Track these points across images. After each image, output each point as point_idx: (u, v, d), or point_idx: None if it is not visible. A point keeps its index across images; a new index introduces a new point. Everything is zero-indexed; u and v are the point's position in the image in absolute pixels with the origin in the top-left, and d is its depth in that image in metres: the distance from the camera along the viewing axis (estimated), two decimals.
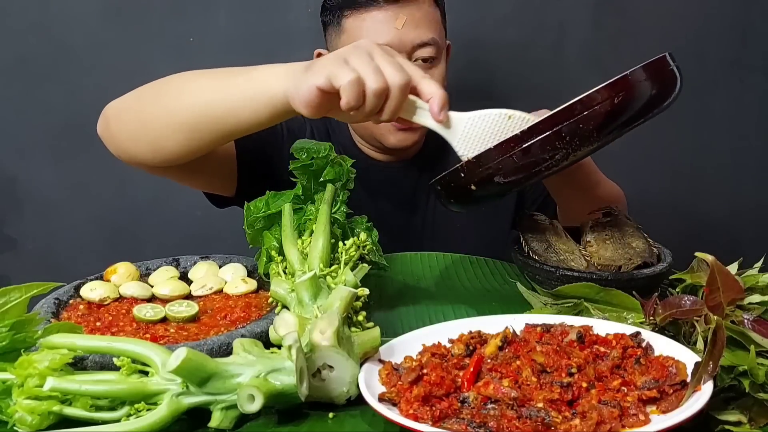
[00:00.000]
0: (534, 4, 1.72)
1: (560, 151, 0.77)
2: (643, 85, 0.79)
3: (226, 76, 0.90)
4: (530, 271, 0.99)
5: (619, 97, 0.77)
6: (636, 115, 0.80)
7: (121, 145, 1.01)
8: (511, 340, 0.73)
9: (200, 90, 0.92)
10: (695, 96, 1.78)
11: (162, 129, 0.94)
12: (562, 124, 0.76)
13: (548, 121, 0.77)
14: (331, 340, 0.67)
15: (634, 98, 0.78)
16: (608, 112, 0.77)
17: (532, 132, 0.77)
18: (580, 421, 0.59)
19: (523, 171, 0.79)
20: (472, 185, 0.81)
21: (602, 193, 1.16)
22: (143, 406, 0.64)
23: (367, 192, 1.29)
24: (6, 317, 0.70)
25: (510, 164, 0.78)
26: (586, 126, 0.77)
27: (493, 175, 0.79)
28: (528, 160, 0.78)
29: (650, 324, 0.76)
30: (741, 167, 1.84)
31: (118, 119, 1.01)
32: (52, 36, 1.68)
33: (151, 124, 0.96)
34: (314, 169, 0.98)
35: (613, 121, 0.78)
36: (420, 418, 0.61)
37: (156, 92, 0.97)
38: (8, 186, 1.75)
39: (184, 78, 0.95)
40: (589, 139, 0.78)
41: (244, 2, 1.69)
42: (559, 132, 0.76)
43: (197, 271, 1.00)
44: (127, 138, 1.00)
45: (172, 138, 0.94)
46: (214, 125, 0.91)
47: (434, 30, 1.21)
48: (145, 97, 0.98)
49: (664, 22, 1.75)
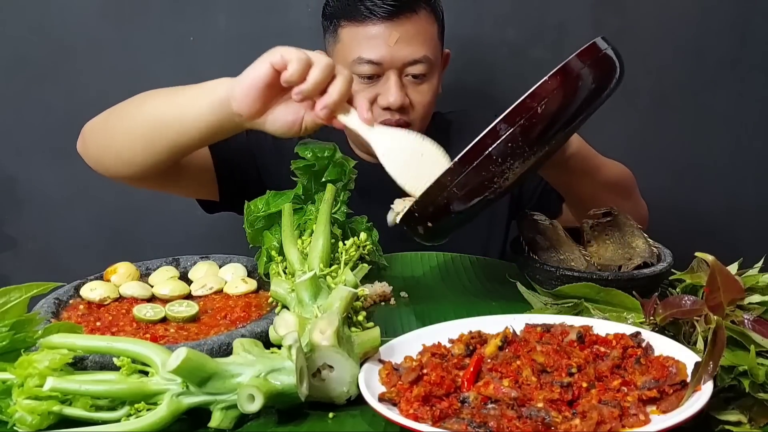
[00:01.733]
0: (534, 4, 1.72)
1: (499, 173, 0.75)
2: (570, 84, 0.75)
3: (180, 90, 0.97)
4: (530, 271, 0.99)
5: (542, 106, 0.73)
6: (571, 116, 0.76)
7: (93, 159, 1.10)
8: (511, 340, 0.73)
9: (155, 104, 0.99)
10: (695, 95, 1.78)
11: (123, 141, 1.03)
12: (489, 148, 0.74)
13: (475, 148, 0.75)
14: (331, 340, 0.67)
15: (561, 101, 0.75)
16: (534, 124, 0.74)
17: (463, 162, 0.75)
18: (580, 421, 0.59)
19: (471, 199, 0.77)
20: (428, 222, 0.81)
21: (607, 175, 1.14)
22: (143, 406, 0.64)
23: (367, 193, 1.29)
24: (6, 317, 0.70)
25: (454, 196, 0.77)
26: (515, 143, 0.74)
27: (445, 209, 0.78)
28: (470, 189, 0.76)
29: (650, 324, 0.76)
30: (741, 167, 1.84)
31: (90, 136, 1.09)
32: (52, 36, 1.68)
33: (114, 139, 1.04)
34: (316, 169, 0.99)
35: (544, 131, 0.75)
36: (420, 418, 0.61)
37: (120, 110, 1.05)
38: (8, 186, 1.75)
39: (146, 95, 1.02)
40: (522, 154, 0.74)
41: (244, 2, 1.68)
42: (489, 156, 0.74)
43: (197, 271, 1.00)
44: (97, 152, 1.08)
45: (132, 149, 1.01)
46: (164, 133, 0.97)
47: (428, 47, 1.22)
48: (112, 115, 1.06)
49: (663, 22, 1.74)
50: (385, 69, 1.19)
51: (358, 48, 1.19)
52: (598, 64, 0.77)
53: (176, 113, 0.95)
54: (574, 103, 0.76)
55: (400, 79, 1.20)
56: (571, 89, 0.75)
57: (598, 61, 0.77)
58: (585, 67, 0.76)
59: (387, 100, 1.19)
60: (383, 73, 1.20)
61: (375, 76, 1.20)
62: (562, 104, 0.75)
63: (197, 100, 0.92)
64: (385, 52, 1.18)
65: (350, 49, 1.20)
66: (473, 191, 0.76)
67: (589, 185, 1.11)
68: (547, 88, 0.74)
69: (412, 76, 1.21)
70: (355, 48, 1.19)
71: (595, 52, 0.77)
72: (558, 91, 0.74)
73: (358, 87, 1.21)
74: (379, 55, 1.18)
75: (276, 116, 0.88)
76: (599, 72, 0.77)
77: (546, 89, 0.74)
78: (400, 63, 1.19)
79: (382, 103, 1.20)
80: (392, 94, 1.19)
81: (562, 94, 0.74)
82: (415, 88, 1.22)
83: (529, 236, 1.03)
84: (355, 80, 1.21)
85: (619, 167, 1.19)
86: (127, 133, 1.02)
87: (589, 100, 0.77)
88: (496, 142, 0.74)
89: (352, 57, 1.19)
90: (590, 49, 0.77)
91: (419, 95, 1.23)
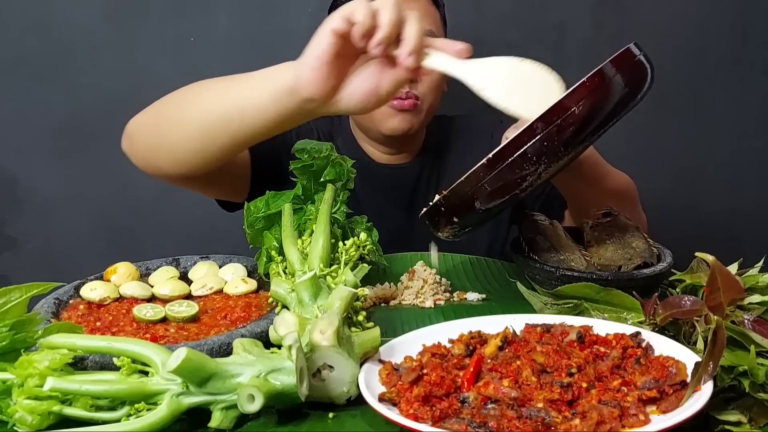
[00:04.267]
0: (534, 3, 1.72)
1: (532, 172, 0.77)
2: (606, 87, 0.77)
3: (235, 80, 0.90)
4: (530, 271, 0.99)
5: (580, 107, 0.75)
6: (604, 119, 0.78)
7: (144, 159, 1.03)
8: (511, 340, 0.73)
9: (210, 96, 0.92)
10: (696, 95, 1.78)
11: (178, 139, 0.95)
12: (525, 145, 0.76)
13: (512, 144, 0.76)
14: (331, 340, 0.67)
15: (597, 104, 0.77)
16: (571, 124, 0.76)
17: (497, 159, 0.77)
18: (580, 421, 0.59)
19: (501, 196, 0.79)
20: (454, 217, 0.82)
21: (612, 184, 1.15)
22: (143, 406, 0.64)
23: (368, 192, 1.29)
24: (6, 317, 0.70)
25: (484, 192, 0.78)
26: (551, 143, 0.76)
27: (473, 204, 0.80)
28: (502, 185, 0.78)
29: (650, 324, 0.76)
30: (741, 167, 1.84)
31: (138, 134, 1.02)
32: (52, 36, 1.68)
33: (168, 136, 0.97)
34: (315, 169, 0.99)
35: (578, 132, 0.77)
36: (420, 418, 0.61)
37: (171, 104, 0.98)
38: (8, 186, 1.75)
39: (197, 87, 0.95)
40: (557, 153, 0.77)
41: (244, 2, 1.69)
42: (525, 154, 0.76)
43: (197, 271, 1.00)
44: (148, 151, 1.01)
45: (189, 147, 0.94)
46: (224, 128, 0.90)
47: (431, 23, 1.23)
48: (161, 111, 0.99)
49: (664, 22, 1.75)
50: None
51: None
52: (632, 69, 0.79)
53: (236, 105, 0.88)
54: (609, 106, 0.78)
55: None
56: (606, 92, 0.78)
57: (632, 67, 0.79)
58: (619, 72, 0.78)
59: None
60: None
61: None
62: (598, 107, 0.77)
63: (258, 93, 0.85)
64: None
65: None
66: (504, 188, 0.78)
67: (596, 192, 1.12)
68: (584, 91, 0.76)
69: None
70: None
71: (629, 58, 0.79)
72: (594, 93, 0.76)
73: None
74: None
75: (353, 89, 0.81)
76: (632, 77, 0.79)
77: (583, 91, 0.76)
78: None
79: None
80: None
81: (598, 97, 0.77)
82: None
83: (529, 236, 1.03)
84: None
85: (624, 177, 1.20)
86: (182, 130, 0.94)
87: (623, 103, 0.79)
88: (532, 140, 0.76)
89: None
90: (625, 55, 0.79)
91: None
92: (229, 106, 0.89)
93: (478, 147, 1.27)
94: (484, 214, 0.81)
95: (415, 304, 0.98)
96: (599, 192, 1.12)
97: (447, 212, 0.82)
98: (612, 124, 0.79)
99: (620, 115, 0.80)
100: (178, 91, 0.97)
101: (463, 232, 0.87)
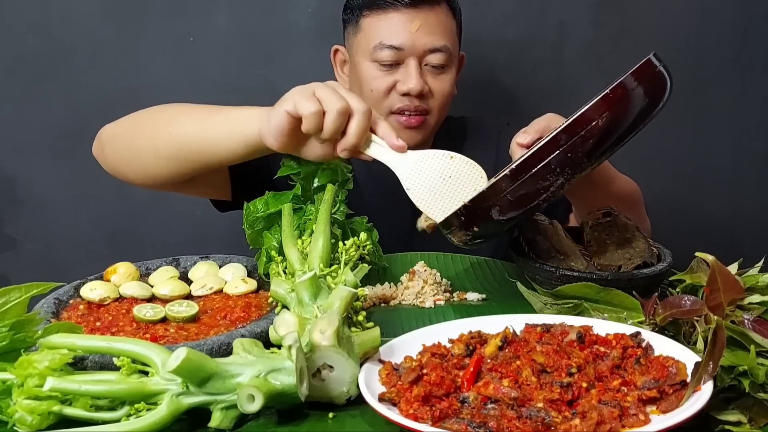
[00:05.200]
0: (534, 3, 1.72)
1: (554, 182, 0.79)
2: (628, 99, 0.79)
3: (207, 114, 0.99)
4: (530, 271, 0.99)
5: (603, 119, 0.77)
6: (626, 130, 0.80)
7: (114, 168, 1.10)
8: (511, 340, 0.73)
9: (183, 125, 0.99)
10: (696, 95, 1.78)
11: (150, 157, 1.02)
12: (549, 156, 0.77)
13: (535, 156, 0.78)
14: (331, 340, 0.66)
15: (619, 115, 0.79)
16: (594, 135, 0.77)
17: (521, 170, 0.79)
18: (580, 421, 0.59)
19: (521, 207, 0.81)
20: (474, 226, 0.84)
21: (618, 188, 1.15)
22: (143, 406, 0.64)
23: (369, 192, 1.29)
24: (6, 317, 0.70)
25: (506, 202, 0.81)
26: (575, 154, 0.77)
27: (494, 214, 0.82)
28: (524, 195, 0.80)
29: (650, 324, 0.76)
30: (741, 167, 1.84)
31: (111, 144, 1.09)
32: (52, 36, 1.67)
33: (141, 153, 1.04)
34: (303, 176, 0.98)
35: (601, 143, 0.78)
36: (420, 418, 0.61)
37: (146, 122, 1.04)
38: (8, 186, 1.75)
39: (173, 110, 1.02)
40: (581, 165, 0.78)
41: (244, 2, 1.68)
42: (548, 165, 0.78)
43: (197, 271, 1.00)
44: (120, 162, 1.09)
45: (160, 165, 1.02)
46: (196, 157, 0.99)
47: (448, 38, 1.24)
48: (136, 126, 1.06)
49: (664, 22, 1.74)
50: (406, 56, 1.21)
51: (379, 34, 1.21)
52: (652, 80, 0.81)
53: (208, 142, 0.97)
54: (630, 117, 0.80)
55: (420, 66, 1.22)
56: (628, 104, 0.79)
57: (652, 78, 0.81)
58: (640, 84, 0.80)
59: (407, 85, 1.20)
60: (403, 60, 1.21)
61: (395, 63, 1.21)
62: (620, 118, 0.79)
63: (229, 135, 0.94)
64: (406, 38, 1.20)
65: (372, 36, 1.22)
66: (526, 198, 0.80)
67: (602, 196, 1.12)
68: (607, 102, 0.78)
69: (432, 66, 1.23)
70: (376, 34, 1.21)
71: (650, 69, 0.81)
72: (616, 105, 0.78)
73: (377, 74, 1.22)
74: (401, 40, 1.20)
75: (308, 149, 0.91)
76: (653, 88, 0.81)
77: (606, 103, 0.78)
78: (421, 50, 1.21)
79: (401, 89, 1.21)
80: (412, 79, 1.20)
81: (621, 109, 0.79)
82: (434, 77, 1.24)
83: (529, 236, 1.03)
84: (374, 67, 1.23)
85: (629, 182, 1.21)
86: (154, 149, 1.02)
87: (644, 114, 0.81)
88: (556, 151, 0.77)
89: (374, 43, 1.21)
90: (645, 66, 0.81)
91: (438, 83, 1.24)
92: (202, 137, 0.97)
93: (484, 148, 1.27)
94: (505, 223, 0.83)
95: (415, 305, 0.98)
96: (605, 196, 1.12)
97: (467, 221, 0.84)
98: (634, 134, 0.81)
99: (641, 126, 0.81)
100: (155, 109, 1.04)
101: (475, 243, 0.88)
